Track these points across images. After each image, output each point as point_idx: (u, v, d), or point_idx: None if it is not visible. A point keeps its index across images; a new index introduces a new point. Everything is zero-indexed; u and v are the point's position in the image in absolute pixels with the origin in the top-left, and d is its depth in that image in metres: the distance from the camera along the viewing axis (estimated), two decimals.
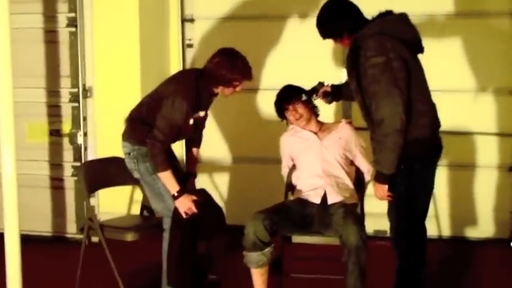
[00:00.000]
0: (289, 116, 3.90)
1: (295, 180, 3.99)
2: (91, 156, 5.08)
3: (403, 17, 3.31)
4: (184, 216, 3.64)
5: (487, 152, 5.07)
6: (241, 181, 5.49)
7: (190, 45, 5.48)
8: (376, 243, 3.98)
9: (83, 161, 5.02)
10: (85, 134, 5.10)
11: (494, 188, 5.07)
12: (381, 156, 3.17)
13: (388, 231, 3.44)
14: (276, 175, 4.18)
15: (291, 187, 4.06)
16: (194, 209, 3.64)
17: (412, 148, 3.16)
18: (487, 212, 5.10)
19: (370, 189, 3.83)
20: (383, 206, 4.46)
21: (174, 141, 3.85)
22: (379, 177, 3.25)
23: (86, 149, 5.12)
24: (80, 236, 3.87)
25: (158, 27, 5.36)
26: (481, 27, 4.99)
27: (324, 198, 3.79)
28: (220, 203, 4.68)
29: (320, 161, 3.84)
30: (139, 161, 3.71)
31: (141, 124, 3.72)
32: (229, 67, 3.62)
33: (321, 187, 3.81)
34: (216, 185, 5.45)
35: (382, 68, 3.08)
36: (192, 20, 5.46)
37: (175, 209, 3.66)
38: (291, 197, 4.03)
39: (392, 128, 3.07)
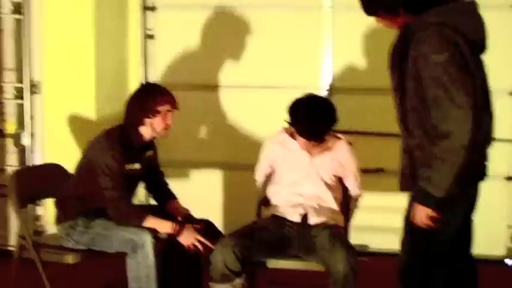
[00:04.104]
0: (297, 136, 3.35)
1: (271, 194, 3.51)
2: (38, 160, 4.72)
3: (472, 8, 2.76)
4: (191, 248, 3.30)
5: None
6: (206, 187, 5.10)
7: (151, 36, 5.12)
8: None
9: (30, 165, 4.64)
10: (32, 135, 4.73)
11: (489, 199, 4.62)
12: (435, 175, 2.65)
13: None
14: (244, 182, 3.92)
15: (264, 201, 3.59)
16: (201, 239, 3.29)
17: None
18: (481, 226, 4.63)
19: None
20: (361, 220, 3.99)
21: (132, 192, 3.53)
22: (424, 198, 2.70)
23: (32, 151, 4.74)
24: (25, 250, 3.53)
25: (116, 15, 4.99)
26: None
27: (305, 217, 3.35)
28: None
29: (305, 181, 3.39)
30: (72, 234, 3.44)
31: (68, 200, 3.51)
32: (142, 95, 3.44)
33: (302, 206, 3.37)
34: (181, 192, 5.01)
35: (446, 67, 2.57)
36: (153, 8, 5.09)
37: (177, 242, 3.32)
38: (265, 211, 3.53)
39: (459, 144, 2.58)
